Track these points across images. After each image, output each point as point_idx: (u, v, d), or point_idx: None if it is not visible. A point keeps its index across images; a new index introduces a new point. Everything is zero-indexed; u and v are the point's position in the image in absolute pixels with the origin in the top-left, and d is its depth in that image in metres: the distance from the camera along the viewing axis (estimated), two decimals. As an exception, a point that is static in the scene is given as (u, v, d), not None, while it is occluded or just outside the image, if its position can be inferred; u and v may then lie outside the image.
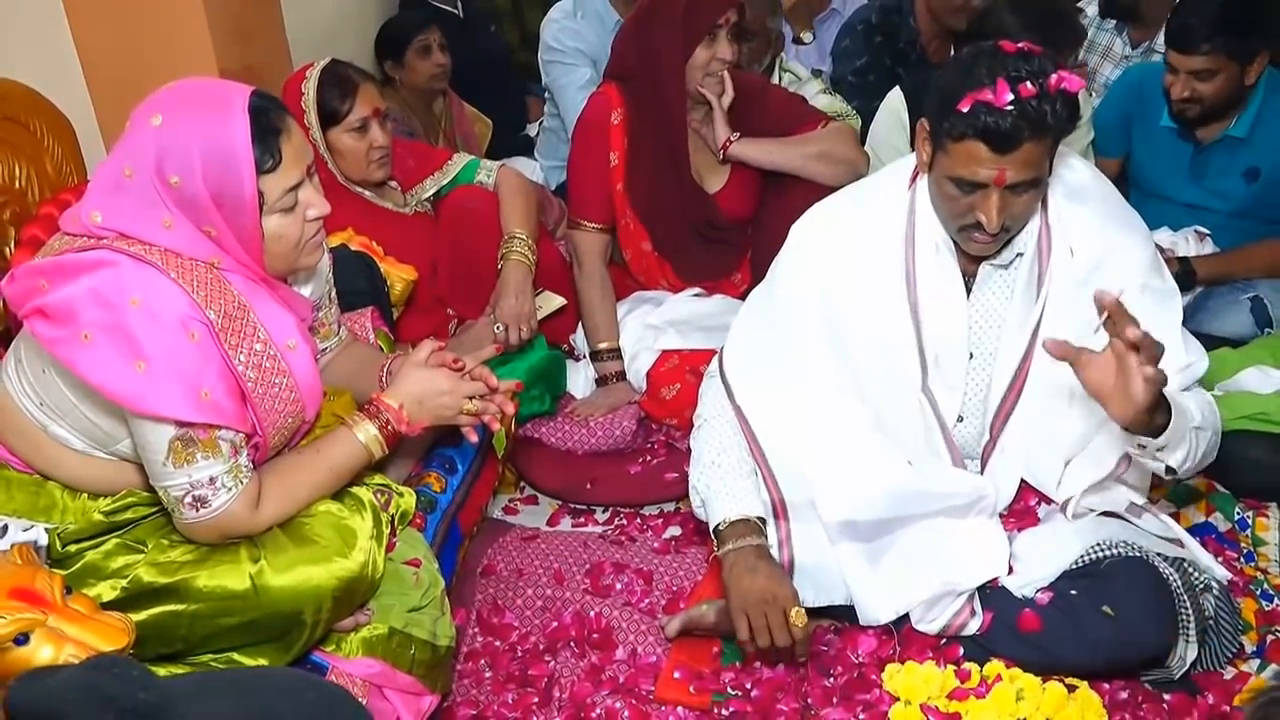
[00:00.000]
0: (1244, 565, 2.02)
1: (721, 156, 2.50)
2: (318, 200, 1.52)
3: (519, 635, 1.97)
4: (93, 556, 1.53)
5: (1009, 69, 1.57)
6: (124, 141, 1.42)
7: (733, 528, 1.79)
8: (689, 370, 2.44)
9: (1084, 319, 1.71)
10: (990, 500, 1.83)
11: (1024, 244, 1.75)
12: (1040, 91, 1.56)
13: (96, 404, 1.48)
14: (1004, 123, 1.56)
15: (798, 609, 1.72)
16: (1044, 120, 1.57)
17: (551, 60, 3.37)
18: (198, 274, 1.44)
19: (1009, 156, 1.59)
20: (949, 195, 1.68)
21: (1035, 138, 1.58)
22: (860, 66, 3.37)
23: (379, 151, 2.39)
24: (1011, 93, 1.55)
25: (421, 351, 1.73)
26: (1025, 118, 1.56)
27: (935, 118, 1.66)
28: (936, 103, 1.65)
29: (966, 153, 1.61)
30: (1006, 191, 1.63)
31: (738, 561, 1.76)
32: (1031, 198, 1.67)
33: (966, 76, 1.59)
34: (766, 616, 1.71)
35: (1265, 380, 2.22)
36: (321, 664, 1.61)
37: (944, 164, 1.66)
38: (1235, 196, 2.64)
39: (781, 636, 1.71)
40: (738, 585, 1.74)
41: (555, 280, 2.61)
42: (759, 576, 1.74)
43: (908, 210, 1.79)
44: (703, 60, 2.42)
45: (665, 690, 1.82)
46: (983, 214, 1.65)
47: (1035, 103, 1.56)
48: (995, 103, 1.56)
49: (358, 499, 1.65)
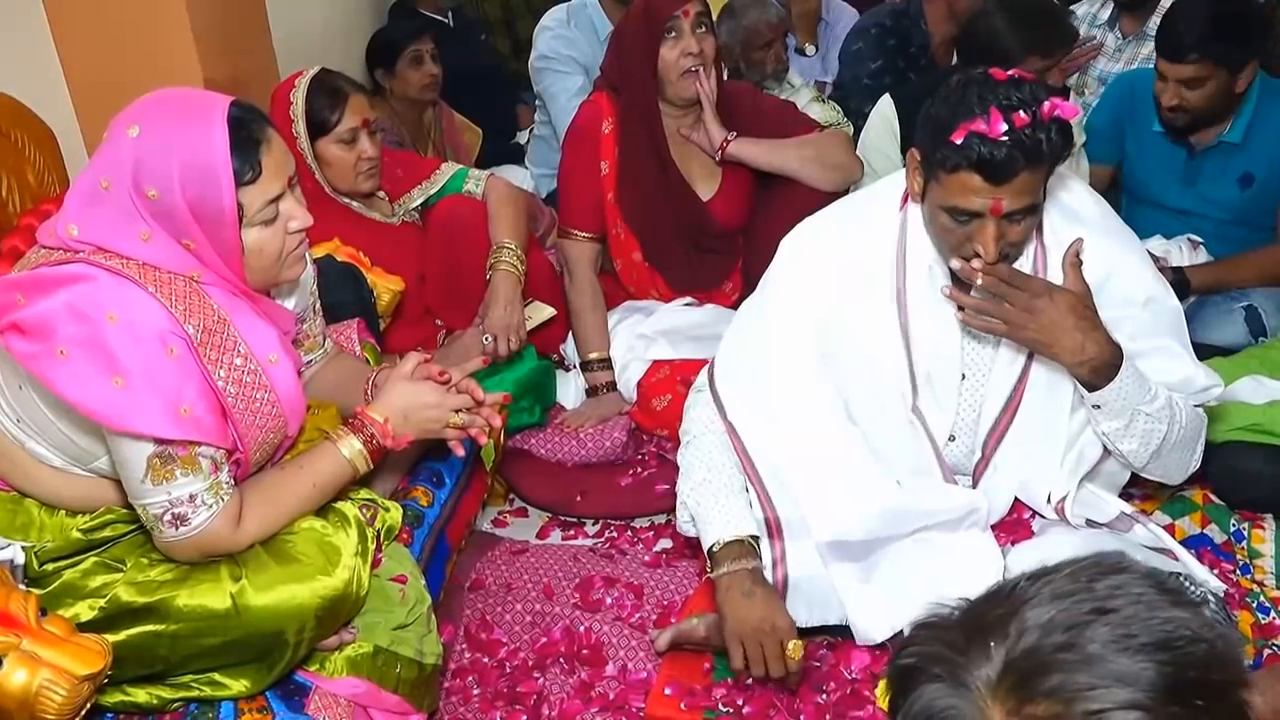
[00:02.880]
0: (1240, 578, 2.00)
1: (719, 157, 2.48)
2: (299, 212, 1.50)
3: (508, 651, 1.95)
4: (71, 575, 1.50)
5: (1001, 98, 1.54)
6: (101, 153, 1.40)
7: (727, 549, 1.75)
8: (680, 381, 2.42)
9: None
10: (982, 513, 1.81)
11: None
12: (1034, 120, 1.53)
13: (73, 421, 1.45)
14: (999, 153, 1.54)
15: (795, 642, 1.68)
16: (1039, 149, 1.55)
17: (544, 67, 3.36)
18: (176, 288, 1.41)
19: (1004, 186, 1.57)
20: (944, 226, 1.65)
21: (1030, 167, 1.56)
22: (875, 69, 3.37)
23: (367, 163, 2.37)
24: (1005, 122, 1.53)
25: (407, 364, 1.70)
26: (1020, 147, 1.54)
27: (927, 148, 1.63)
28: (929, 133, 1.62)
29: (961, 184, 1.59)
30: (1003, 220, 1.61)
31: (733, 585, 1.72)
32: (1029, 224, 1.65)
33: (958, 106, 1.57)
34: (763, 647, 1.68)
35: (1259, 390, 2.20)
36: (305, 684, 1.59)
37: (937, 194, 1.64)
38: (1229, 203, 2.63)
39: (776, 668, 1.68)
40: (734, 612, 1.70)
41: (545, 290, 2.59)
42: (756, 604, 1.70)
43: (899, 231, 1.77)
44: (672, 59, 2.39)
45: (656, 707, 1.79)
46: (980, 244, 1.62)
47: (1029, 132, 1.53)
48: (989, 134, 1.53)
49: (342, 515, 1.62)
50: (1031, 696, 0.73)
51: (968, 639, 0.77)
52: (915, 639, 0.81)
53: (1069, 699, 0.72)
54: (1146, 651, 0.72)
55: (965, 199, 1.60)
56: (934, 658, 0.78)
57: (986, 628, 0.77)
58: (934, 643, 0.79)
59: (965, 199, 1.60)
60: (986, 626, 0.77)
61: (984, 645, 0.76)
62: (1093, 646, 0.73)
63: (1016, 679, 0.74)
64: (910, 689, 0.78)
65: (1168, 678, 0.71)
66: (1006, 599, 0.79)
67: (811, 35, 3.80)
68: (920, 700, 0.77)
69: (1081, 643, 0.74)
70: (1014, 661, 0.75)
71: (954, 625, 0.80)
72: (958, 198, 1.60)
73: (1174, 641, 0.73)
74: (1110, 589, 0.76)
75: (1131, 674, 0.72)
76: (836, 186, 2.49)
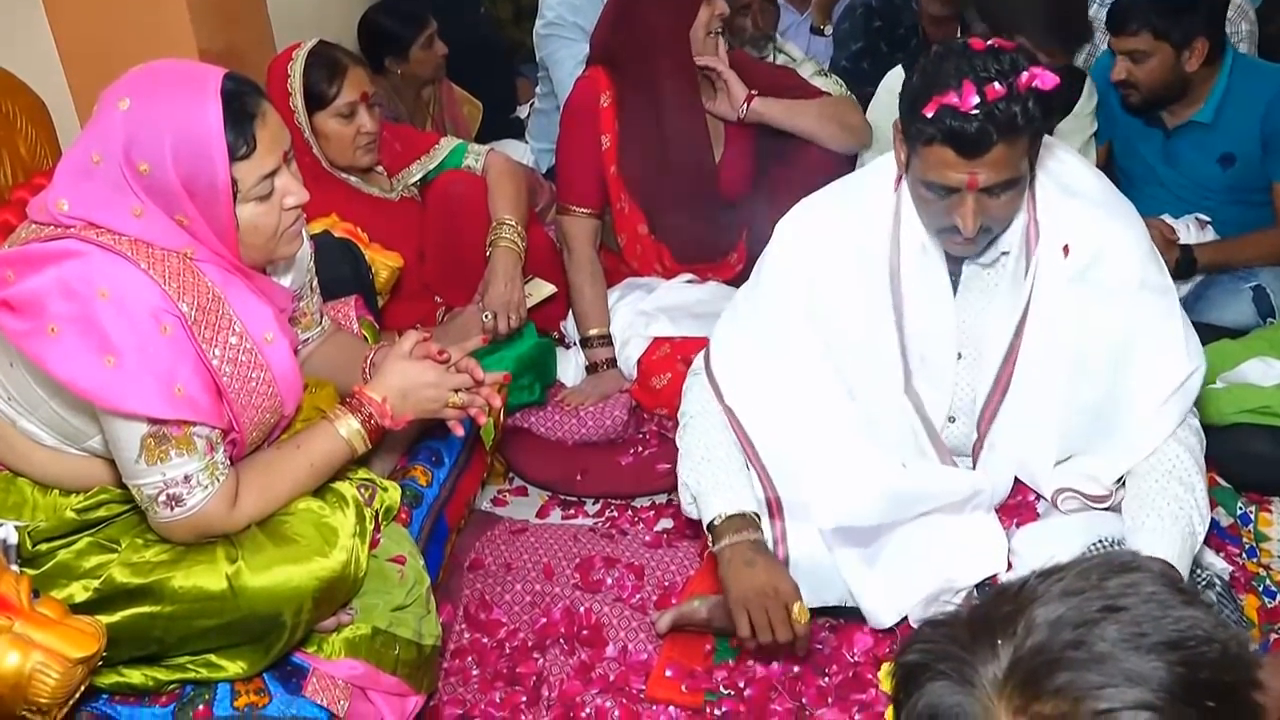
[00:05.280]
0: (1246, 561, 1.99)
1: (745, 110, 2.46)
2: (295, 188, 1.47)
3: (507, 632, 1.94)
4: (64, 556, 1.48)
5: (978, 69, 1.50)
6: (92, 126, 1.36)
7: (728, 522, 1.74)
8: (680, 359, 2.40)
9: (1075, 315, 1.68)
10: (986, 495, 1.79)
11: (1009, 242, 1.69)
12: (1009, 92, 1.49)
13: (65, 399, 1.43)
14: (969, 127, 1.49)
15: (800, 604, 1.66)
16: (1013, 122, 1.50)
17: (549, 34, 3.30)
18: (170, 265, 1.38)
19: (979, 160, 1.53)
20: (924, 199, 1.62)
21: (1007, 139, 1.51)
22: (855, 51, 3.31)
23: (366, 137, 2.33)
24: (978, 95, 1.48)
25: (406, 343, 1.68)
26: (993, 120, 1.49)
27: (905, 121, 1.60)
28: (906, 105, 1.59)
29: (936, 157, 1.55)
30: (982, 194, 1.57)
31: (735, 556, 1.71)
32: (1011, 198, 1.60)
33: (934, 78, 1.53)
34: (768, 612, 1.66)
35: (1268, 372, 2.19)
36: (302, 666, 1.57)
37: (916, 167, 1.60)
38: (1213, 182, 2.62)
39: (783, 632, 1.66)
40: (737, 579, 1.69)
41: (545, 266, 2.57)
42: (759, 570, 1.68)
43: (893, 211, 1.73)
44: (705, 19, 2.40)
45: (656, 689, 1.78)
46: (959, 218, 1.59)
47: (1004, 104, 1.49)
48: (960, 107, 1.49)
49: (340, 495, 1.60)
50: (1039, 694, 0.71)
51: (975, 636, 0.76)
52: (922, 636, 0.80)
53: (1077, 697, 0.70)
54: (1158, 651, 0.71)
55: (940, 173, 1.56)
56: (940, 655, 0.76)
57: (994, 625, 0.76)
58: (941, 640, 0.77)
59: (940, 173, 1.56)
60: (994, 624, 0.76)
61: (991, 643, 0.74)
62: (1102, 645, 0.71)
63: (1023, 677, 0.72)
64: (916, 686, 0.76)
65: (1179, 678, 0.70)
66: (1015, 597, 0.77)
67: (828, 15, 3.75)
68: (925, 697, 0.75)
69: (1091, 641, 0.72)
70: (1021, 659, 0.73)
71: (961, 623, 0.78)
72: (934, 172, 1.57)
73: (1186, 641, 0.71)
74: (1122, 587, 0.75)
75: (1142, 673, 0.70)
76: (850, 148, 2.52)
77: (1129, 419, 1.70)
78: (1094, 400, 1.72)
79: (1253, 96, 2.51)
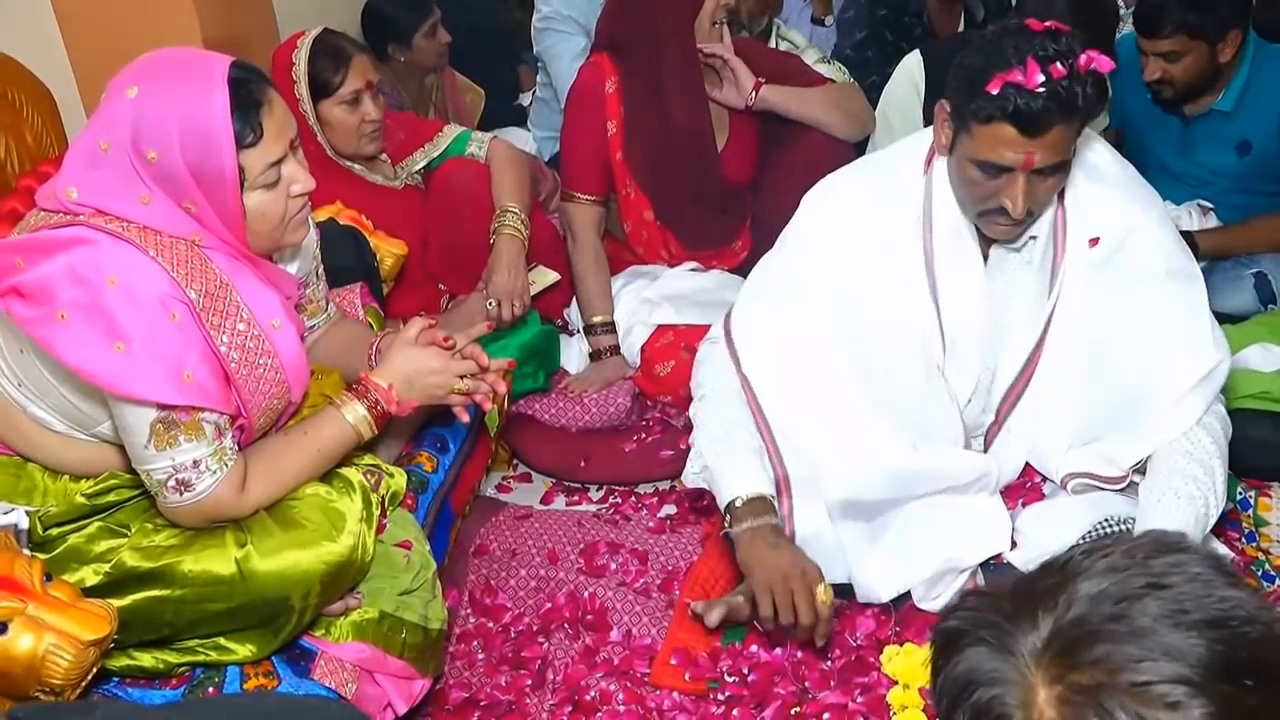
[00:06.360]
0: (1245, 545, 2.00)
1: (754, 98, 2.46)
2: (302, 176, 1.48)
3: (512, 616, 1.95)
4: (75, 540, 1.50)
5: (1038, 48, 1.51)
6: (100, 113, 1.37)
7: (749, 505, 1.74)
8: (684, 347, 2.40)
9: (1102, 304, 1.69)
10: (992, 477, 1.81)
11: (1037, 228, 1.71)
12: (1070, 72, 1.51)
13: (75, 385, 1.44)
14: (1035, 105, 1.51)
15: (825, 585, 1.67)
16: (1074, 102, 1.52)
17: (545, 27, 3.31)
18: (178, 252, 1.39)
19: (1038, 140, 1.54)
20: (972, 179, 1.63)
21: (1065, 120, 1.53)
22: (859, 40, 3.30)
23: (371, 125, 2.33)
24: (1042, 74, 1.50)
25: (411, 329, 1.69)
26: (1056, 99, 1.51)
27: (960, 99, 1.60)
28: (961, 83, 1.59)
29: (994, 135, 1.56)
30: (1033, 175, 1.58)
31: (757, 538, 1.71)
32: (1057, 181, 1.63)
33: (994, 56, 1.54)
34: (793, 593, 1.66)
35: (1268, 358, 2.19)
36: (310, 649, 1.59)
37: (968, 147, 1.61)
38: (1228, 170, 2.61)
39: (806, 613, 1.66)
40: (762, 561, 1.69)
41: (548, 254, 2.57)
42: (783, 552, 1.69)
43: (924, 193, 1.74)
44: (710, 8, 2.40)
45: (661, 676, 1.79)
46: (1008, 199, 1.60)
47: (1066, 84, 1.51)
48: (1026, 84, 1.50)
49: (347, 480, 1.62)
50: (1076, 665, 0.72)
51: (1017, 606, 0.77)
52: (964, 604, 0.81)
53: (1114, 669, 0.70)
54: (1199, 628, 0.71)
55: (997, 152, 1.57)
56: (981, 622, 0.77)
57: (1037, 597, 0.76)
58: (983, 608, 0.78)
59: (997, 152, 1.57)
60: (1037, 596, 0.76)
61: (1032, 613, 0.75)
62: (1143, 620, 0.72)
63: (1062, 647, 0.73)
64: (954, 651, 0.77)
65: (1219, 655, 0.70)
66: (1060, 571, 0.78)
67: (829, 6, 3.75)
68: (963, 663, 0.76)
69: (1132, 615, 0.72)
70: (1061, 630, 0.74)
71: (1004, 593, 0.79)
72: (989, 151, 1.58)
73: (1228, 620, 0.71)
74: (1167, 566, 0.75)
75: (1181, 649, 0.70)
76: (854, 135, 2.53)
77: (1153, 407, 1.71)
78: (1118, 388, 1.73)
79: (1273, 84, 2.50)
